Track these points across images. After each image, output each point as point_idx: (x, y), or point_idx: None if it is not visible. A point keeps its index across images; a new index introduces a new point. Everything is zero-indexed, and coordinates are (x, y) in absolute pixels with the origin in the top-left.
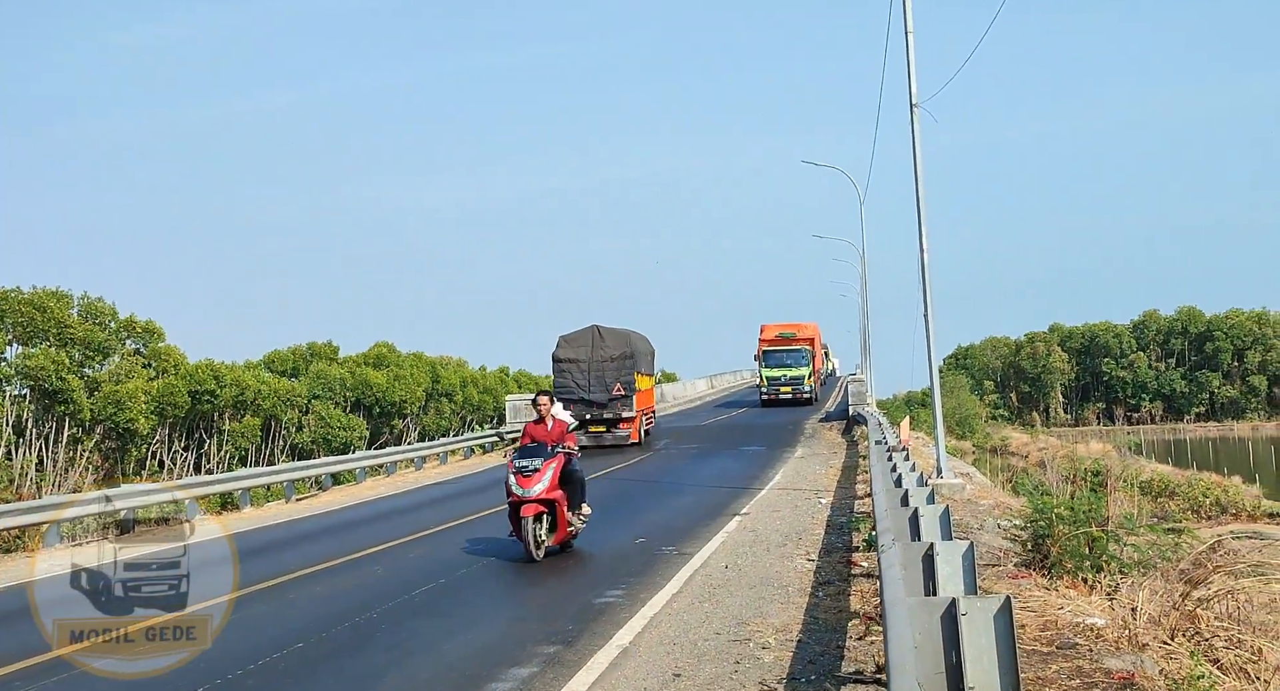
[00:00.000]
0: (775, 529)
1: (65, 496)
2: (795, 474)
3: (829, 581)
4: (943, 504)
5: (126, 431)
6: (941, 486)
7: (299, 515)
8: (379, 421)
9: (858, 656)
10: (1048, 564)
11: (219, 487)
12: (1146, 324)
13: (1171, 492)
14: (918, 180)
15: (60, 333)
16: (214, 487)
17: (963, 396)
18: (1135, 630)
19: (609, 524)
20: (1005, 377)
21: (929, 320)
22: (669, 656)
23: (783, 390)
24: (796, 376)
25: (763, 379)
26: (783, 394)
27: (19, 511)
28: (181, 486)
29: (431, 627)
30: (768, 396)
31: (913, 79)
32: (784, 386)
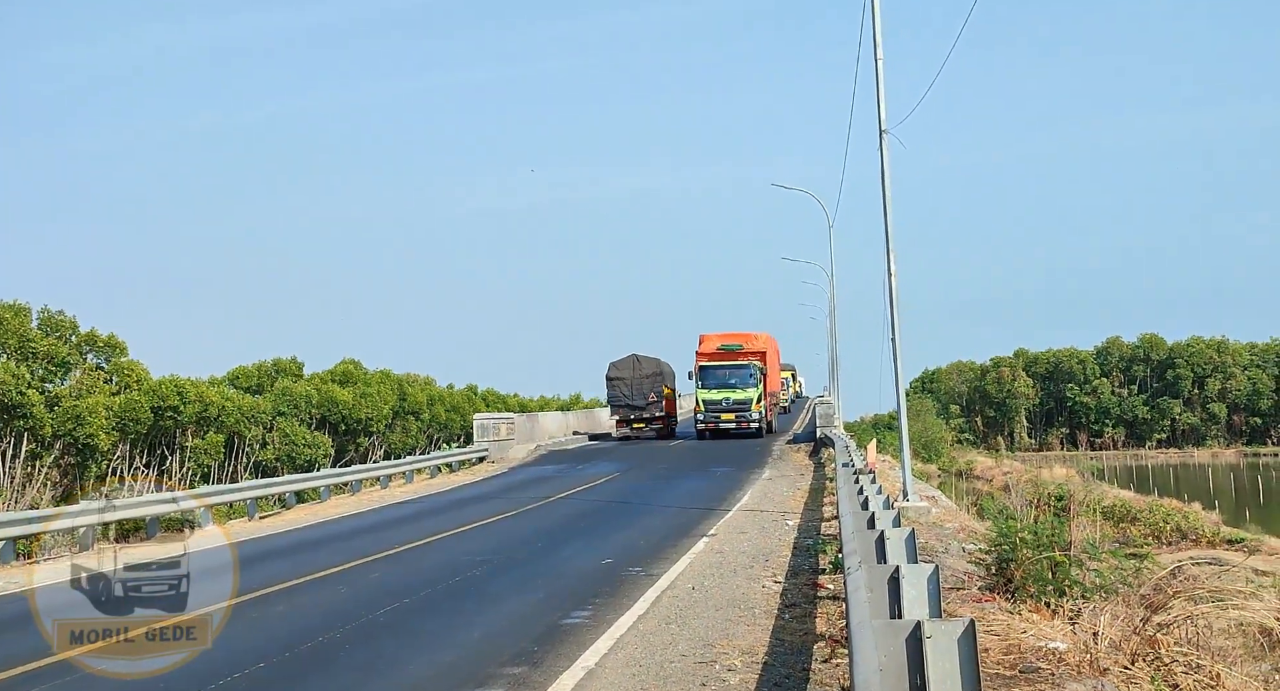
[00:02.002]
0: (742, 550)
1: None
2: (762, 495)
3: (795, 603)
4: (909, 527)
5: (86, 447)
6: (907, 509)
7: (262, 533)
8: (344, 439)
9: (823, 679)
10: (1011, 588)
11: (182, 505)
12: (1110, 350)
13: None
14: (886, 205)
15: (20, 346)
16: (177, 505)
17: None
18: (1097, 654)
19: (576, 544)
20: (971, 402)
21: (897, 344)
22: (635, 678)
23: (724, 418)
24: (742, 400)
25: (699, 403)
26: (724, 422)
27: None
28: (147, 503)
29: (396, 647)
30: (704, 425)
31: (882, 105)
32: (725, 412)
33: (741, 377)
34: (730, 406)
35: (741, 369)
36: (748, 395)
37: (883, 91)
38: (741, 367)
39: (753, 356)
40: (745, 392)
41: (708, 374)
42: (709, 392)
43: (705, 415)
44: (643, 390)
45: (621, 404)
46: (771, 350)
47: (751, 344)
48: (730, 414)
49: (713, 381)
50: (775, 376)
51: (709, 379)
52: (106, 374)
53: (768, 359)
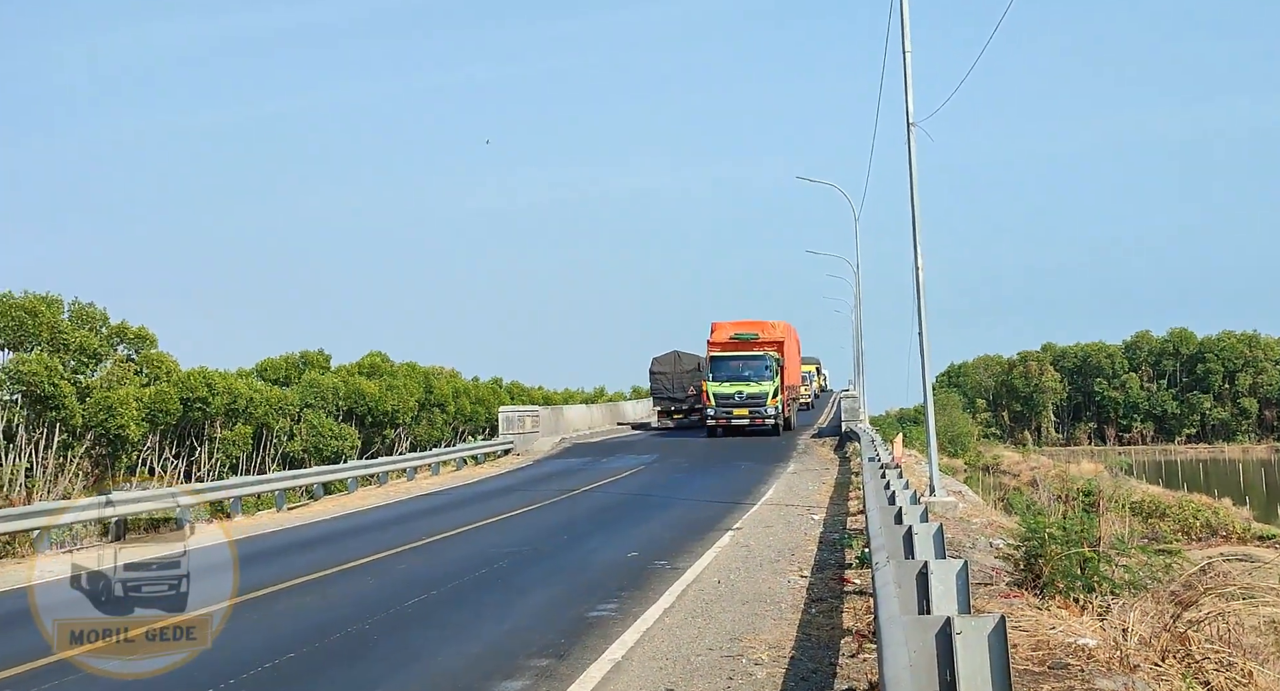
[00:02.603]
0: (768, 545)
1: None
2: (788, 490)
3: (822, 598)
4: (937, 522)
5: (117, 438)
6: (934, 504)
7: (290, 524)
8: (371, 431)
9: (851, 673)
10: (1040, 583)
11: (210, 495)
12: (1139, 345)
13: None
14: (914, 198)
15: (52, 338)
16: (205, 496)
17: (955, 414)
18: (1127, 651)
19: (602, 537)
20: (998, 396)
21: (923, 338)
22: (661, 671)
23: (737, 414)
24: (756, 394)
25: (709, 397)
26: (737, 419)
27: (15, 516)
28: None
29: (424, 639)
30: (715, 421)
31: (910, 98)
32: (738, 407)
33: (756, 370)
34: (744, 401)
35: (757, 360)
36: (763, 389)
37: (910, 84)
38: (757, 359)
39: (769, 346)
40: (760, 386)
41: (719, 365)
42: (720, 386)
43: (716, 410)
44: (683, 384)
45: (664, 396)
46: (790, 340)
47: (768, 333)
48: (744, 409)
49: (725, 373)
50: (795, 368)
51: (721, 371)
52: (136, 365)
53: (786, 349)
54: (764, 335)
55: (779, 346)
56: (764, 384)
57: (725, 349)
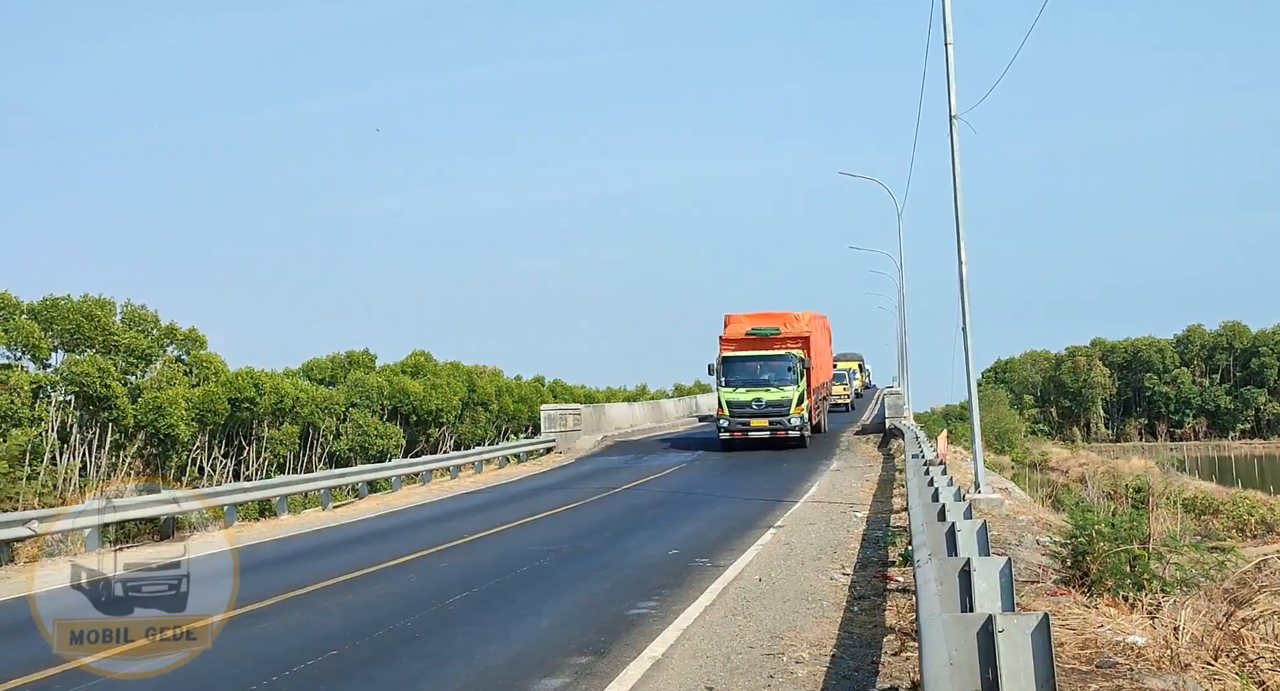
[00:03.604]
0: (810, 542)
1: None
2: (830, 487)
3: (864, 596)
4: (980, 519)
5: (168, 437)
6: (979, 501)
7: (335, 522)
8: (415, 430)
9: (893, 672)
10: (1088, 581)
11: (258, 494)
12: (1190, 339)
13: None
14: (956, 192)
15: (105, 340)
16: (252, 494)
17: (1002, 410)
18: (1178, 650)
19: (642, 535)
20: (1045, 392)
21: (968, 333)
22: (701, 669)
23: (754, 425)
24: (777, 402)
25: (721, 405)
26: (754, 431)
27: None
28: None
29: (465, 636)
30: (729, 433)
31: (952, 91)
32: (756, 417)
33: (778, 372)
34: (762, 409)
35: (777, 361)
36: (785, 395)
37: (953, 76)
38: (778, 359)
39: (793, 343)
40: (783, 392)
41: (733, 367)
42: (734, 392)
43: (730, 421)
44: None
45: None
46: (819, 333)
47: (791, 326)
48: (762, 420)
49: (740, 377)
50: (825, 364)
51: (735, 374)
52: (186, 366)
53: (813, 344)
54: (786, 329)
55: (804, 342)
56: (786, 389)
57: (740, 347)
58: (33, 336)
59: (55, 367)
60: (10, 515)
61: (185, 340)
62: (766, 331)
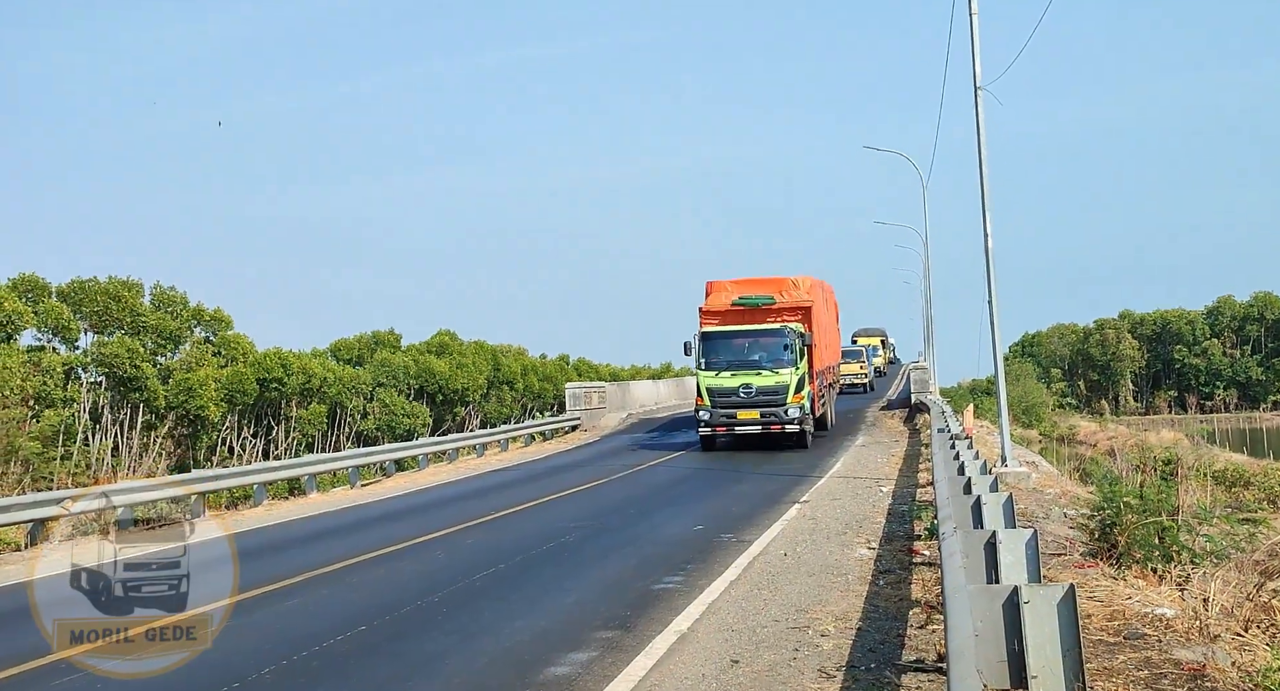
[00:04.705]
0: (835, 517)
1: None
2: (856, 462)
3: (890, 570)
4: (1006, 492)
5: (198, 418)
6: (1006, 475)
7: (363, 501)
8: (442, 408)
9: (919, 645)
10: (1115, 553)
11: (287, 473)
12: (1221, 310)
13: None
14: (982, 164)
15: (134, 321)
16: (282, 473)
17: (1029, 384)
18: (1207, 621)
19: (668, 511)
20: (1073, 365)
21: (994, 306)
22: (727, 643)
23: (741, 417)
24: (771, 388)
25: (701, 393)
26: (741, 424)
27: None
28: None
29: (491, 611)
30: (710, 428)
31: (977, 61)
32: (744, 408)
33: (771, 350)
34: (752, 398)
35: (771, 337)
36: (780, 379)
37: (977, 46)
38: (771, 335)
39: (790, 315)
40: (777, 375)
41: (715, 345)
42: (716, 377)
43: (711, 412)
44: None
45: None
46: (823, 303)
47: (788, 294)
48: (751, 411)
49: (724, 357)
50: (832, 342)
51: (717, 353)
52: (214, 347)
53: (815, 317)
54: (783, 298)
55: (804, 314)
56: (781, 372)
57: (725, 320)
58: (62, 318)
59: (85, 349)
60: (43, 494)
61: (212, 321)
62: (758, 301)
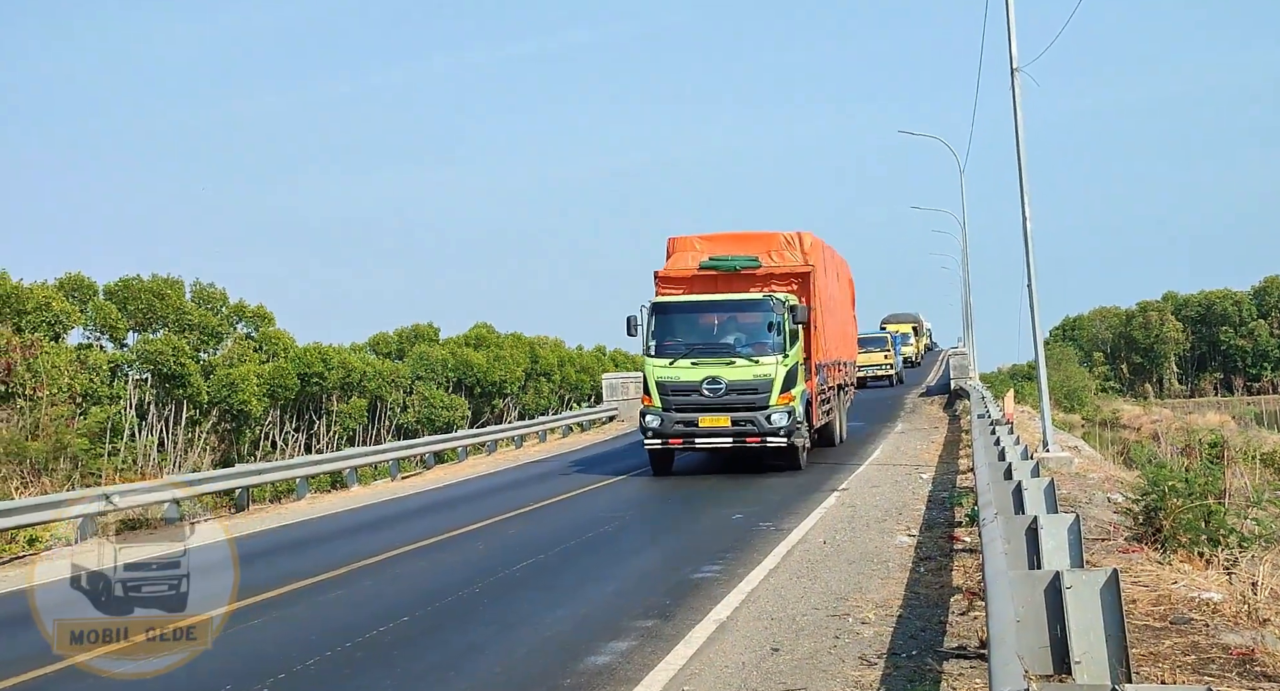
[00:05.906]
0: (874, 504)
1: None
2: (895, 449)
3: (930, 557)
4: (1048, 477)
5: (241, 413)
6: (1048, 460)
7: (404, 493)
8: (480, 401)
9: (960, 631)
10: (1161, 538)
11: (328, 467)
12: (1268, 290)
13: None
14: (1019, 147)
15: (177, 318)
16: (323, 467)
17: (1070, 368)
18: (1255, 605)
19: (706, 500)
20: (1116, 348)
21: (1033, 290)
22: (766, 631)
23: (705, 424)
24: (747, 383)
25: (649, 389)
26: (705, 435)
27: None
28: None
29: (532, 601)
30: (664, 441)
31: (1013, 42)
32: (709, 411)
33: (750, 330)
34: (719, 398)
35: (749, 310)
36: (761, 371)
37: (1013, 27)
38: (749, 306)
39: (779, 283)
40: (756, 366)
41: (670, 323)
42: (670, 367)
43: (663, 417)
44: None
45: None
46: (826, 269)
47: (779, 255)
48: (720, 417)
49: (682, 339)
50: (843, 323)
51: (673, 333)
52: (255, 343)
53: (815, 286)
54: (771, 260)
55: (801, 281)
56: (763, 361)
57: (690, 288)
58: (110, 317)
59: (130, 346)
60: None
61: (254, 317)
62: (736, 263)
